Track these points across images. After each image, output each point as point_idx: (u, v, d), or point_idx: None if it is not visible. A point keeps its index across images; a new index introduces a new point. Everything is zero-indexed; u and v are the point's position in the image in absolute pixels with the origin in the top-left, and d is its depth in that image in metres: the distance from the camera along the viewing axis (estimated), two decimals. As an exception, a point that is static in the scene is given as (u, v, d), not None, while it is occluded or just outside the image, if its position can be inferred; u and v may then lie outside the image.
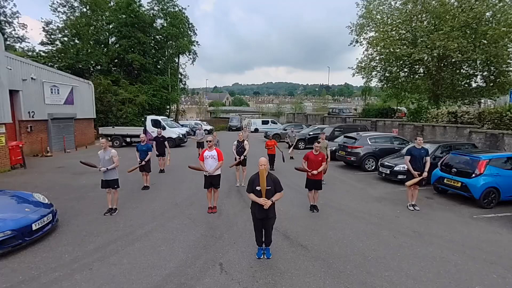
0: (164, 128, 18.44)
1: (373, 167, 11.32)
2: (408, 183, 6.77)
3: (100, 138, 6.51)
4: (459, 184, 7.40)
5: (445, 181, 7.86)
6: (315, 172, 6.33)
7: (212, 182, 6.44)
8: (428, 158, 6.94)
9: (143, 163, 8.29)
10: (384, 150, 11.34)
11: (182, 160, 13.68)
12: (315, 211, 6.66)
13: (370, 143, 11.50)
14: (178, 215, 6.45)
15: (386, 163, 9.66)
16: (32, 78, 14.64)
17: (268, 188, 4.26)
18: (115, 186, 6.49)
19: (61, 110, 16.78)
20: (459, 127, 12.92)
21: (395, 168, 9.30)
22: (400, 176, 9.16)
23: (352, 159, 11.49)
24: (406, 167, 7.06)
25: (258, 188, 4.25)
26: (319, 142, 6.68)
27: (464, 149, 9.28)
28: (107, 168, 6.26)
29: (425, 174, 6.75)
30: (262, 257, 4.53)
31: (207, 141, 6.44)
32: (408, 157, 6.86)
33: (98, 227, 5.77)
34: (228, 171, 11.00)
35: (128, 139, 18.75)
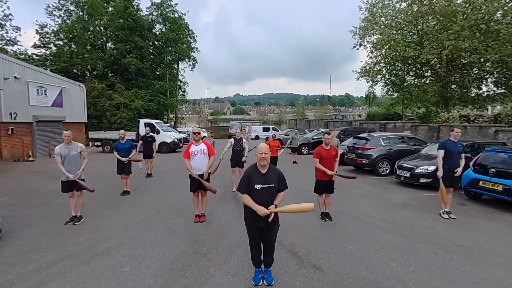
0: (158, 132, 17.36)
1: (387, 171, 10.05)
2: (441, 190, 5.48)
3: (64, 130, 5.32)
4: (500, 188, 6.12)
5: (480, 184, 6.57)
6: (330, 172, 5.12)
7: (199, 183, 5.21)
8: (463, 155, 5.70)
9: (126, 160, 7.11)
10: (400, 152, 10.09)
11: (175, 165, 12.51)
12: (327, 219, 5.38)
13: (383, 144, 10.26)
14: (157, 225, 5.17)
15: (405, 165, 8.39)
16: (15, 77, 13.66)
17: (270, 185, 3.04)
18: (82, 189, 5.27)
19: (48, 113, 15.73)
20: (482, 127, 11.72)
21: (416, 170, 8.03)
22: (422, 180, 7.90)
23: (363, 162, 10.23)
24: (437, 165, 5.70)
25: (258, 186, 3.03)
26: (329, 134, 5.45)
27: (495, 147, 8.03)
28: (78, 173, 5.10)
29: (459, 171, 5.51)
30: (261, 283, 3.25)
31: (194, 133, 5.22)
32: (442, 152, 5.61)
33: (52, 240, 4.50)
34: (224, 173, 9.79)
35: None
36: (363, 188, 8.35)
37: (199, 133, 5.27)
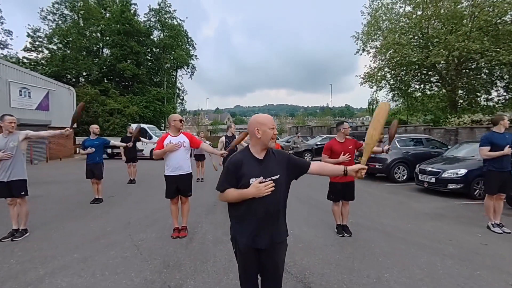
0: (150, 137, 16.23)
1: (404, 177, 8.82)
2: None
3: (8, 115, 4.20)
4: (559, 193, 4.90)
5: (528, 189, 5.34)
6: (343, 158, 3.88)
7: (178, 186, 4.01)
8: None
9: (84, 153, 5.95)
10: (418, 155, 8.88)
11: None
12: (346, 234, 4.13)
13: (399, 146, 9.07)
14: (122, 241, 3.93)
15: (429, 169, 7.17)
16: (-5, 76, 12.67)
17: (275, 177, 1.84)
18: (22, 193, 4.08)
19: (32, 116, 14.62)
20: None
21: (443, 175, 6.80)
22: (451, 186, 6.67)
23: (377, 166, 9.01)
24: (495, 155, 4.31)
25: (254, 180, 1.81)
26: (348, 122, 4.28)
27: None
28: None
29: None
30: None
31: (175, 121, 4.06)
32: (487, 148, 4.44)
33: (-30, 263, 3.26)
34: (216, 176, 8.54)
35: (109, 150, 16.46)
36: (381, 195, 7.10)
37: (182, 121, 4.12)
